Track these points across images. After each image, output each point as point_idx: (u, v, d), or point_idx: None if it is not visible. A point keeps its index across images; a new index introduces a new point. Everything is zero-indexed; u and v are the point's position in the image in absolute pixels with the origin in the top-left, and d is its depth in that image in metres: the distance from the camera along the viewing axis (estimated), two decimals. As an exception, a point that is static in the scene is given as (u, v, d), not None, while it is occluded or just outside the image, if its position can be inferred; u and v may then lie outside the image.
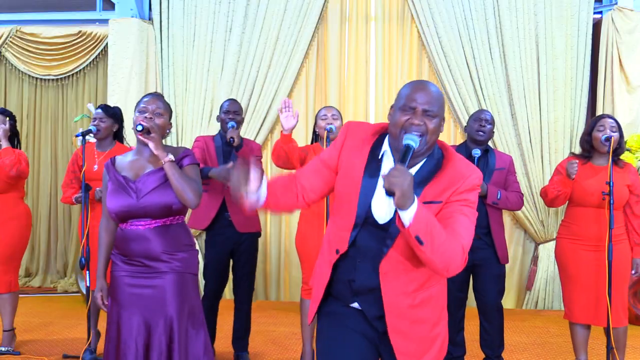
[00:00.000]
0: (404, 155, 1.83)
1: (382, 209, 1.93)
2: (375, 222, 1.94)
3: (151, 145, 2.55)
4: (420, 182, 1.91)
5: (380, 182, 1.92)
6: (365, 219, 1.94)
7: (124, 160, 2.69)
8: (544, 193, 3.69)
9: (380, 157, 1.99)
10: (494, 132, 3.82)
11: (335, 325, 2.04)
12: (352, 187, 1.97)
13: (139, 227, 2.56)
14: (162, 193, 2.56)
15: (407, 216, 1.73)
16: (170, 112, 2.74)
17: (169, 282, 2.55)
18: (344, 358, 2.00)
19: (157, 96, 2.71)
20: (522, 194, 3.80)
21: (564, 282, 3.63)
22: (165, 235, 2.57)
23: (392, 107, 2.00)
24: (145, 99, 2.67)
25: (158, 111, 2.63)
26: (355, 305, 2.01)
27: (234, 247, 3.88)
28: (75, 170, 3.97)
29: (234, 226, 3.82)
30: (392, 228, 1.91)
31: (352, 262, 1.98)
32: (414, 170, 1.94)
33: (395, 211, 1.78)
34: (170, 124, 2.72)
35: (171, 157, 2.56)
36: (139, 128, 2.54)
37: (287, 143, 3.58)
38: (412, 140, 1.85)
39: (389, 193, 1.72)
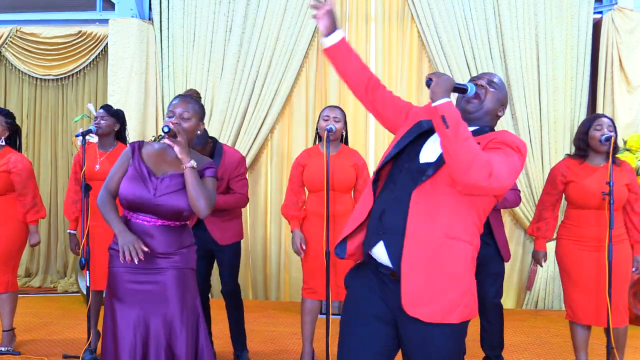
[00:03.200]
0: (458, 87, 2.08)
1: (429, 153, 2.09)
2: (418, 162, 2.08)
3: (176, 149, 2.53)
4: None
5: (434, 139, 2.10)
6: (410, 162, 2.09)
7: (150, 149, 2.67)
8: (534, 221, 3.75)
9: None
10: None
11: (353, 313, 2.13)
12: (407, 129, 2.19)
13: (144, 223, 2.57)
14: (178, 197, 2.56)
15: (438, 102, 1.95)
16: (201, 113, 2.69)
17: (169, 278, 2.56)
18: (359, 350, 2.07)
19: (185, 98, 2.66)
20: (519, 190, 3.78)
21: (564, 283, 3.62)
22: (168, 234, 2.58)
23: None
24: (174, 102, 2.64)
25: (185, 115, 2.60)
26: (379, 248, 2.06)
27: (214, 248, 3.81)
28: (77, 171, 3.98)
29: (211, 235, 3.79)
30: (429, 169, 2.03)
31: (389, 195, 2.09)
32: None
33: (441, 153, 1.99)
34: (202, 123, 2.68)
35: (193, 163, 2.53)
36: (165, 130, 2.52)
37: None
38: (470, 85, 2.12)
39: (427, 81, 1.99)
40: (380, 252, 2.07)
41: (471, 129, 2.08)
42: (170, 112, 2.62)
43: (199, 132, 2.67)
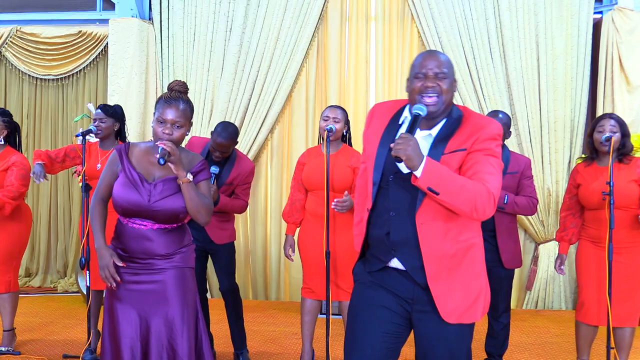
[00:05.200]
0: (412, 124, 2.03)
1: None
2: (402, 173, 2.08)
3: (172, 167, 2.46)
4: (444, 138, 2.09)
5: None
6: (394, 173, 2.09)
7: (138, 152, 2.60)
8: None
9: (400, 123, 2.17)
10: (510, 132, 3.72)
11: (364, 303, 2.18)
12: (372, 149, 2.17)
13: (141, 227, 2.55)
14: (174, 201, 2.53)
15: (418, 173, 1.94)
16: (192, 115, 2.59)
17: (169, 277, 2.55)
18: (368, 333, 2.13)
19: (177, 103, 2.50)
20: (536, 199, 3.68)
21: (580, 283, 3.62)
22: (167, 236, 2.57)
23: (407, 79, 2.17)
24: (165, 106, 2.49)
25: (177, 123, 2.49)
26: (394, 262, 2.12)
27: (209, 247, 3.85)
28: (71, 156, 4.06)
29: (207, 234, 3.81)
30: (420, 194, 2.05)
31: (386, 216, 2.12)
32: (435, 130, 2.10)
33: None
34: (191, 123, 2.59)
35: (190, 177, 2.49)
36: (161, 162, 2.40)
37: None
38: (420, 109, 2.05)
39: (397, 160, 1.95)
40: (396, 264, 2.14)
41: (440, 124, 2.11)
42: (162, 118, 2.48)
43: (187, 133, 2.58)
